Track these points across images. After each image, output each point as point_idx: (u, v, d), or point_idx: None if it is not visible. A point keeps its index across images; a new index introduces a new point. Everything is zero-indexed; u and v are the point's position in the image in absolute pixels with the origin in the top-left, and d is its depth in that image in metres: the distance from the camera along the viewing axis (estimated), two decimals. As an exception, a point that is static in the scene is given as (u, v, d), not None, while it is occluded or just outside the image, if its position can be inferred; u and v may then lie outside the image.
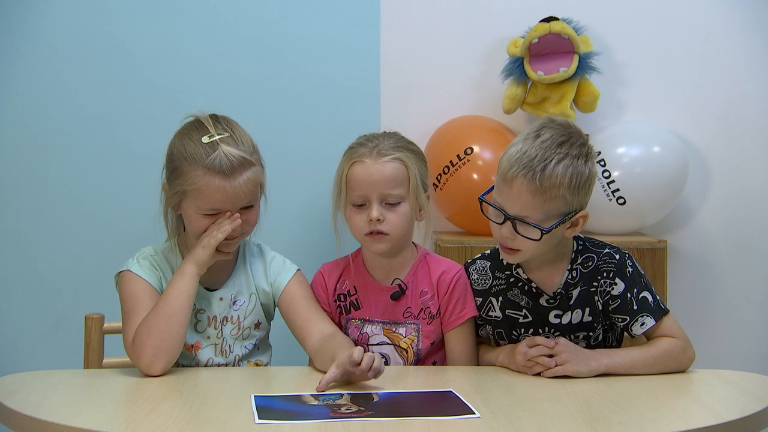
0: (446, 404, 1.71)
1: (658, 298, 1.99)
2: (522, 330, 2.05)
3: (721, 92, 2.99)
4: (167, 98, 2.84)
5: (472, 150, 2.78)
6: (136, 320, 1.94)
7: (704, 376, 1.94)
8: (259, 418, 1.59)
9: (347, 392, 1.76)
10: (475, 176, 2.77)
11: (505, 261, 2.04)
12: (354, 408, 1.66)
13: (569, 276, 2.01)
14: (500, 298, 2.06)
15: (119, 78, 2.86)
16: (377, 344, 2.08)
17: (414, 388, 1.84)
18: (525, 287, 2.04)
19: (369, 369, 1.77)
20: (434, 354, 2.11)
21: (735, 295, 3.03)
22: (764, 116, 3.00)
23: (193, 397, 1.76)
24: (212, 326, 2.06)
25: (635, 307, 1.97)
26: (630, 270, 1.99)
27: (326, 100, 2.92)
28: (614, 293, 1.99)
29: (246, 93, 2.88)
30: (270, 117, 2.88)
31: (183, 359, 2.02)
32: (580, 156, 1.91)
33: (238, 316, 2.08)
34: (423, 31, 2.96)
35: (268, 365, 2.13)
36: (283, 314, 2.10)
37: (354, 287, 2.12)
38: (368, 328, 2.09)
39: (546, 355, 1.91)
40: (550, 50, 2.79)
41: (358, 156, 2.04)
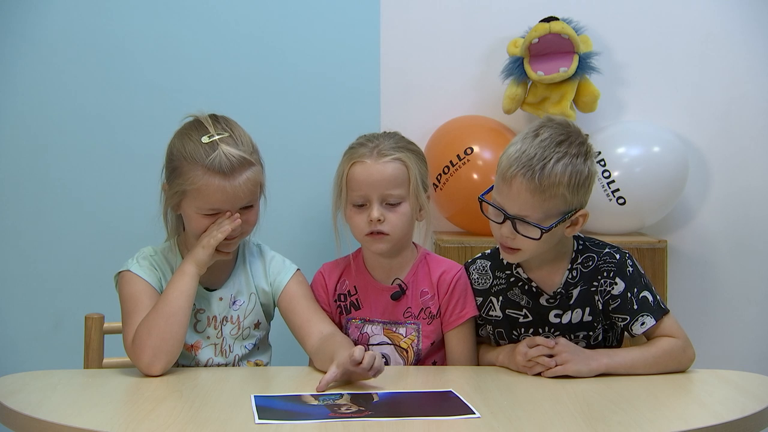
0: (446, 404, 1.71)
1: (659, 298, 1.99)
2: (522, 329, 2.05)
3: (721, 92, 2.99)
4: (167, 98, 2.84)
5: (472, 150, 2.78)
6: (136, 320, 1.93)
7: (704, 376, 1.94)
8: (259, 418, 1.59)
9: (347, 392, 1.76)
10: (475, 176, 2.77)
11: (506, 260, 2.04)
12: (354, 408, 1.66)
13: (569, 275, 2.01)
14: (500, 298, 2.06)
15: (119, 78, 2.86)
16: (377, 344, 2.08)
17: (414, 388, 1.84)
18: (525, 287, 2.04)
19: (370, 368, 1.77)
20: (434, 354, 2.11)
21: (735, 295, 3.03)
22: (764, 116, 3.00)
23: (193, 397, 1.76)
24: (212, 326, 2.06)
25: (635, 307, 1.97)
26: (630, 270, 1.99)
27: (326, 100, 2.91)
28: (614, 293, 1.98)
29: (246, 93, 2.88)
30: (270, 117, 2.87)
31: (183, 359, 2.02)
32: (579, 155, 1.91)
33: (238, 316, 2.08)
34: (423, 31, 2.96)
35: (268, 365, 2.13)
36: (283, 314, 2.10)
37: (354, 287, 2.12)
38: (368, 328, 2.09)
39: (546, 355, 1.91)
40: (550, 50, 2.79)
41: (359, 156, 2.04)
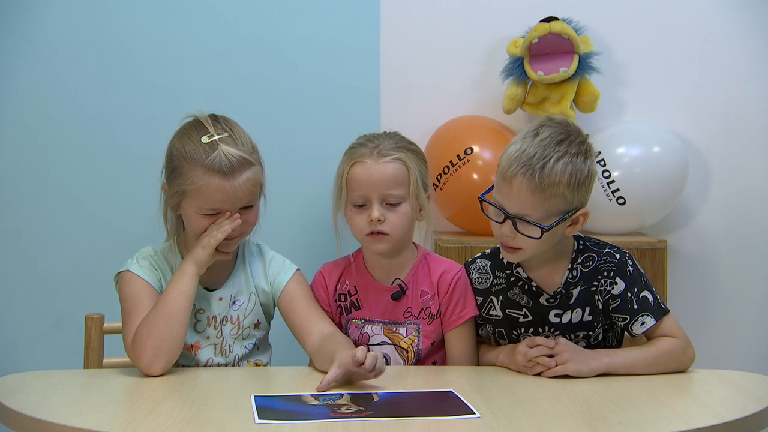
0: (446, 404, 1.71)
1: (659, 298, 1.99)
2: (522, 329, 2.05)
3: (721, 92, 2.99)
4: (167, 98, 2.84)
5: (472, 150, 2.78)
6: (136, 320, 1.93)
7: (704, 376, 1.93)
8: (259, 418, 1.59)
9: (347, 392, 1.76)
10: (475, 176, 2.77)
11: (506, 260, 2.04)
12: (354, 408, 1.66)
13: (569, 275, 2.01)
14: (500, 297, 2.06)
15: (119, 78, 2.86)
16: (377, 344, 2.08)
17: (414, 388, 1.84)
18: (525, 286, 2.04)
19: (372, 369, 1.77)
20: (434, 354, 2.11)
21: (735, 295, 3.03)
22: (764, 116, 3.00)
23: (193, 397, 1.75)
24: (212, 326, 2.06)
25: (635, 307, 1.97)
26: (630, 269, 1.99)
27: (326, 100, 2.91)
28: (614, 293, 1.98)
29: (246, 93, 2.88)
30: (270, 117, 2.88)
31: (183, 359, 2.02)
32: (579, 154, 1.91)
33: (238, 316, 2.08)
34: (423, 31, 2.96)
35: (268, 365, 2.13)
36: (283, 314, 2.10)
37: (354, 287, 2.12)
38: (368, 328, 2.09)
39: (546, 355, 1.91)
40: (550, 50, 2.79)
41: (359, 156, 2.04)
